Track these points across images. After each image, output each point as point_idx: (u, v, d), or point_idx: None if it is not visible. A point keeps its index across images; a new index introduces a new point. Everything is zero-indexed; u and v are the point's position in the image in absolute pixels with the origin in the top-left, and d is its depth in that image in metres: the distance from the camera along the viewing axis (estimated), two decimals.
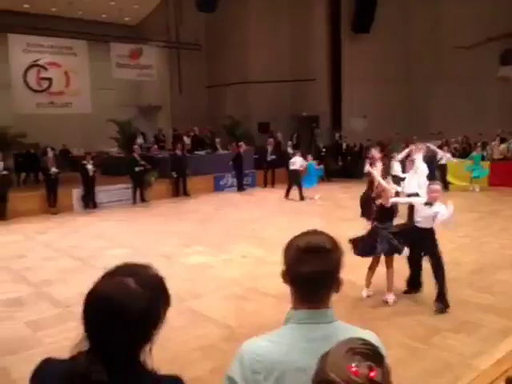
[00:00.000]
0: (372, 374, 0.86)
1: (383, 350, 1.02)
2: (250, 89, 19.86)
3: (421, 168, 8.71)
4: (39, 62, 15.30)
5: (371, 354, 0.91)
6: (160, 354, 1.28)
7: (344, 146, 17.90)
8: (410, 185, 8.57)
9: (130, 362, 1.12)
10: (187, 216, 11.51)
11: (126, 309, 1.09)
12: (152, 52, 18.74)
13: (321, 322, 1.29)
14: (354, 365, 0.87)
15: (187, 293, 5.81)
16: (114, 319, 1.09)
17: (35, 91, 15.28)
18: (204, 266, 7.12)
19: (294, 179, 13.29)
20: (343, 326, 1.31)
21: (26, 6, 17.50)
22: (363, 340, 0.96)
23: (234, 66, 20.05)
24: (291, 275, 1.34)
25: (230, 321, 4.95)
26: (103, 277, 1.15)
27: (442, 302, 5.05)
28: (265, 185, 16.15)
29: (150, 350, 1.17)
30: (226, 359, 4.27)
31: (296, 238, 1.37)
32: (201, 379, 3.70)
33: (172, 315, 4.37)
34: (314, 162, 13.80)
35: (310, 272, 1.27)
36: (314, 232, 1.40)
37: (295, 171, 13.22)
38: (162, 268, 1.28)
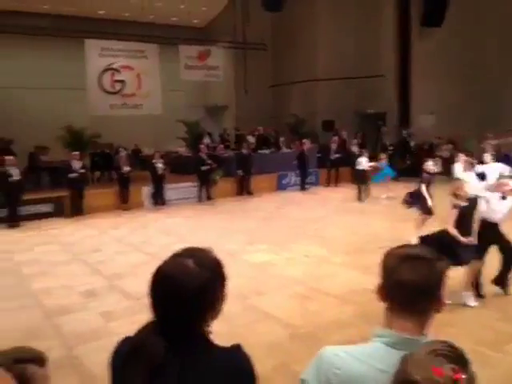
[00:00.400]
0: (457, 376, 0.84)
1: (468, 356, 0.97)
2: (315, 87, 19.73)
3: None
4: (113, 66, 16.10)
5: (454, 357, 0.89)
6: None
7: (412, 144, 17.27)
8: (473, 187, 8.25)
9: (188, 337, 1.21)
10: (251, 214, 11.66)
11: (183, 286, 1.19)
12: (219, 53, 19.10)
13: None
14: (437, 365, 0.85)
15: (251, 290, 5.90)
16: (172, 295, 1.20)
17: (109, 93, 16.10)
18: (267, 264, 7.18)
19: (359, 179, 13.01)
20: None
21: (101, 12, 18.54)
22: (447, 343, 0.94)
23: (300, 65, 20.01)
24: (389, 286, 1.23)
25: (293, 319, 4.96)
26: (168, 258, 1.27)
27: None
28: (328, 184, 15.97)
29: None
30: (289, 357, 4.30)
31: (395, 248, 1.29)
32: (264, 376, 3.74)
33: (236, 312, 4.50)
34: (385, 161, 13.31)
35: (415, 279, 1.18)
36: (413, 245, 1.36)
37: (360, 171, 12.94)
38: (226, 265, 1.33)
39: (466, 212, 5.18)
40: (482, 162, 9.45)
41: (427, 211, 7.95)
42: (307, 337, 4.52)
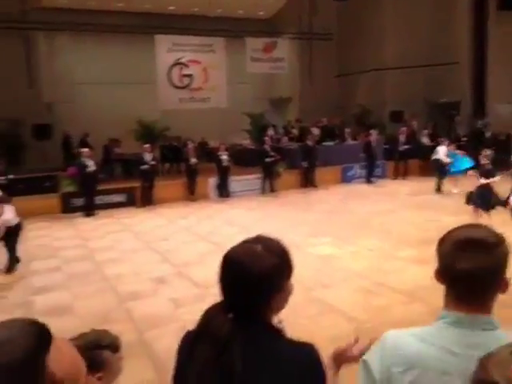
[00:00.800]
0: None
1: None
2: (383, 76, 19.11)
3: None
4: (181, 60, 16.54)
5: None
6: None
7: (488, 134, 16.27)
8: None
9: (253, 320, 1.23)
10: (314, 206, 11.58)
11: (250, 268, 1.22)
12: (285, 44, 19.02)
13: (480, 328, 1.17)
14: None
15: (315, 283, 5.89)
16: (238, 278, 1.23)
17: (178, 88, 16.58)
18: (331, 257, 7.12)
19: (438, 170, 12.41)
20: (506, 335, 1.15)
21: (170, 7, 19.09)
22: None
23: (367, 53, 19.47)
24: (447, 273, 1.21)
25: (357, 314, 4.90)
26: (237, 244, 1.31)
27: None
28: (395, 176, 15.46)
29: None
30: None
31: (453, 230, 1.25)
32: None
33: (300, 304, 4.50)
34: (458, 152, 12.64)
35: (471, 269, 1.14)
36: (474, 225, 1.28)
37: (437, 161, 12.32)
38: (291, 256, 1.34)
39: None
40: None
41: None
42: (372, 332, 4.40)
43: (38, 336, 0.74)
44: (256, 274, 1.21)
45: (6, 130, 14.24)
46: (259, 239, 1.30)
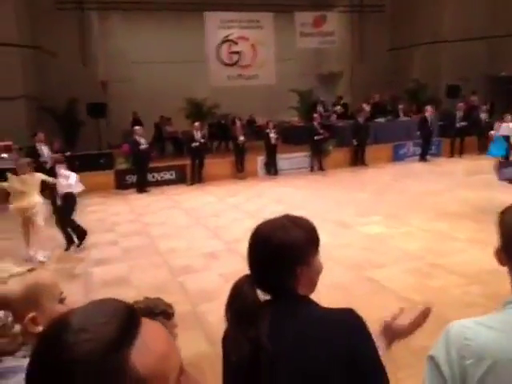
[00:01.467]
0: None
1: None
2: (440, 49, 18.23)
3: None
4: (230, 37, 16.46)
5: None
6: None
7: None
8: None
9: (281, 293, 1.24)
10: (364, 185, 11.35)
11: (271, 238, 1.25)
12: (334, 18, 18.47)
13: None
14: None
15: (366, 262, 5.80)
16: (260, 248, 1.27)
17: (226, 65, 16.55)
18: (383, 236, 6.97)
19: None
20: None
21: None
22: None
23: (422, 25, 18.58)
24: (510, 251, 1.15)
25: (411, 295, 4.79)
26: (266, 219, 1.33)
27: None
28: (451, 154, 14.86)
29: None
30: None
31: None
32: None
33: (351, 282, 4.45)
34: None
35: None
36: None
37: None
38: (339, 235, 1.33)
39: None
40: None
41: None
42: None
43: (126, 322, 0.62)
44: (278, 244, 1.23)
45: (63, 108, 14.79)
46: (287, 215, 1.33)
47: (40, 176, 6.79)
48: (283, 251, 1.23)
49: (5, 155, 10.07)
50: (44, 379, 0.58)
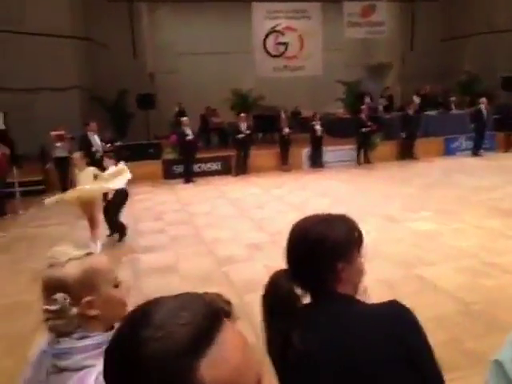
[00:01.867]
0: None
1: None
2: (496, 39, 17.37)
3: None
4: (277, 28, 16.34)
5: None
6: None
7: None
8: None
9: (319, 289, 1.20)
10: (413, 180, 11.02)
11: (309, 231, 1.23)
12: (384, 7, 17.96)
13: None
14: None
15: (416, 259, 5.63)
16: (298, 241, 1.25)
17: (273, 56, 16.46)
18: (433, 233, 6.75)
19: None
20: None
21: None
22: None
23: (477, 15, 17.77)
24: None
25: (464, 294, 4.61)
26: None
27: None
28: (506, 149, 14.18)
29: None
30: (462, 333, 4.02)
31: None
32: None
33: (400, 280, 4.32)
34: None
35: None
36: None
37: None
38: (387, 230, 1.28)
39: None
40: None
41: None
42: (482, 314, 4.16)
43: (205, 327, 0.58)
44: (318, 237, 1.20)
45: (113, 99, 15.21)
46: (329, 213, 1.31)
47: (93, 170, 6.91)
48: (323, 245, 1.20)
49: (59, 144, 10.47)
50: (118, 370, 0.59)
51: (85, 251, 1.21)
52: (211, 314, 0.61)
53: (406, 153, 13.83)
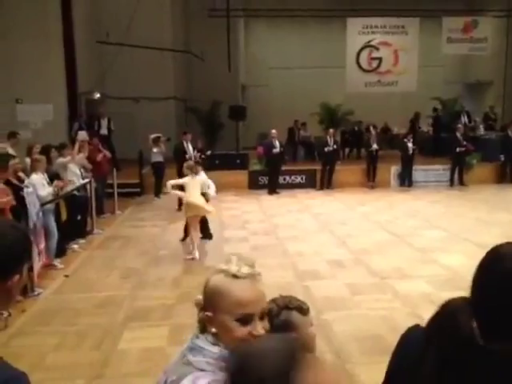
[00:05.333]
0: None
1: None
2: None
3: None
4: (372, 43, 16.10)
5: None
6: None
7: None
8: None
9: (504, 336, 1.00)
10: None
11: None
12: (487, 23, 16.99)
13: None
14: None
15: None
16: (496, 267, 1.06)
17: (365, 71, 16.22)
18: None
19: None
20: None
21: None
22: None
23: None
24: None
25: None
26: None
27: None
28: None
29: None
30: None
31: None
32: None
33: None
34: None
35: None
36: None
37: None
38: (479, 259, 1.15)
39: None
40: None
41: None
42: None
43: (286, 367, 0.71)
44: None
45: (207, 110, 15.87)
46: None
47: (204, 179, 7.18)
48: None
49: (155, 150, 11.10)
50: None
51: (251, 271, 1.20)
52: (293, 357, 0.73)
53: (505, 176, 12.90)
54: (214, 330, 1.15)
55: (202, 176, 7.28)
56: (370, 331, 4.51)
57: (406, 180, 12.86)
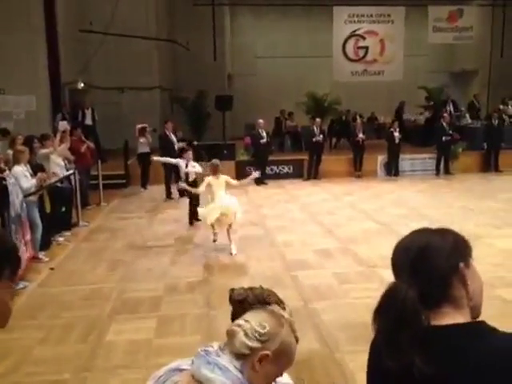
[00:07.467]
0: None
1: None
2: None
3: None
4: (358, 32, 16.08)
5: None
6: None
7: None
8: None
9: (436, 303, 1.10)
10: (497, 194, 10.37)
11: (409, 245, 1.16)
12: (472, 12, 17.09)
13: None
14: None
15: (498, 280, 5.29)
16: (399, 255, 1.17)
17: (352, 60, 16.21)
18: None
19: None
20: None
21: None
22: None
23: None
24: None
25: None
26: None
27: None
28: None
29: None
30: None
31: None
32: None
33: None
34: None
35: None
36: None
37: None
38: None
39: None
40: None
41: None
42: None
43: None
44: (414, 250, 1.15)
45: (193, 100, 15.72)
46: (431, 229, 1.23)
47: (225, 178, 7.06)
48: (439, 268, 1.11)
49: (142, 140, 10.97)
50: None
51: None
52: None
53: (490, 165, 13.05)
54: (257, 367, 1.11)
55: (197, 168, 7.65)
56: (358, 319, 4.52)
57: (392, 169, 12.94)
